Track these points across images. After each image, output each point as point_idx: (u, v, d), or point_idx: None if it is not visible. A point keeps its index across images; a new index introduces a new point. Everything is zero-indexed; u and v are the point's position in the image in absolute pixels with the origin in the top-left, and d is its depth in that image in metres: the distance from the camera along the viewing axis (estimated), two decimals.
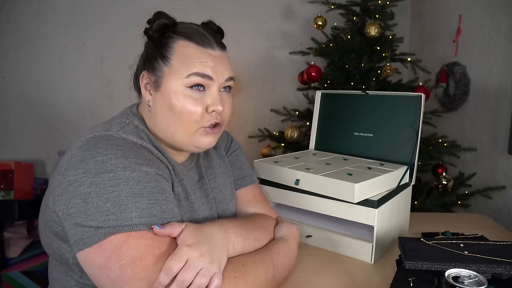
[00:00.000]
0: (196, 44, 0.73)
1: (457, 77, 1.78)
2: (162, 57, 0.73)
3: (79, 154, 0.65)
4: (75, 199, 0.62)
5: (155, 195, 0.65)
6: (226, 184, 0.90)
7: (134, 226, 0.60)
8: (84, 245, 0.60)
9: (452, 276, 0.62)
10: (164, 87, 0.73)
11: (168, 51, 0.73)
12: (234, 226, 0.73)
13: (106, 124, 0.73)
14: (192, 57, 0.72)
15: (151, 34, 0.75)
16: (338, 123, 1.24)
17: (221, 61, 0.75)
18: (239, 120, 2.44)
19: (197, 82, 0.72)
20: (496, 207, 1.56)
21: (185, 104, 0.72)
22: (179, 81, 0.72)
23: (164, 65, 0.73)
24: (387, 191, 0.97)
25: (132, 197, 0.62)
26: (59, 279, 0.74)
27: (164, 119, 0.74)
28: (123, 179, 0.62)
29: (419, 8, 2.30)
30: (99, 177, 0.62)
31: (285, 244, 0.81)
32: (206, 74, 0.72)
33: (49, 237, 0.71)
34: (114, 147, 0.65)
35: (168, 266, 0.58)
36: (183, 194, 0.76)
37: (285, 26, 2.38)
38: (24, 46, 2.18)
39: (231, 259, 0.69)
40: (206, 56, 0.73)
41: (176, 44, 0.73)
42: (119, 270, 0.59)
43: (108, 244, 0.60)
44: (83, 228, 0.61)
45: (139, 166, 0.65)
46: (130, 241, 0.60)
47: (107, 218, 0.60)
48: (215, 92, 0.74)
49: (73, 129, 2.28)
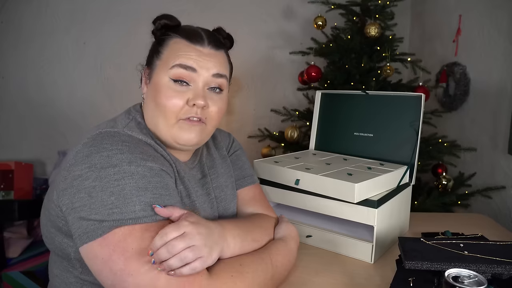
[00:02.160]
0: (188, 41, 0.75)
1: (457, 77, 1.78)
2: (157, 52, 0.77)
3: (85, 149, 0.66)
4: (79, 193, 0.63)
5: (159, 189, 0.65)
6: (228, 184, 0.91)
7: (138, 219, 0.61)
8: (88, 238, 0.61)
9: (452, 276, 0.62)
10: (153, 79, 0.76)
11: (162, 46, 0.76)
12: (232, 227, 0.73)
13: (111, 122, 0.75)
14: (179, 50, 0.74)
15: (154, 33, 0.79)
16: (338, 123, 1.24)
17: (210, 57, 0.75)
18: (239, 120, 2.45)
19: (180, 74, 0.73)
20: (496, 207, 1.56)
21: (166, 95, 0.73)
22: (165, 73, 0.74)
23: (157, 59, 0.76)
24: (387, 191, 0.97)
25: (136, 191, 0.63)
26: (59, 275, 0.74)
27: (150, 111, 0.76)
28: (128, 173, 0.63)
29: (419, 8, 2.30)
30: (104, 171, 0.63)
31: (285, 245, 0.81)
32: (189, 66, 0.73)
33: (51, 232, 0.72)
34: (119, 142, 0.66)
35: (164, 231, 0.58)
36: (185, 192, 0.77)
37: (285, 26, 2.38)
38: (24, 46, 2.18)
39: (229, 259, 0.69)
40: (193, 51, 0.75)
41: (171, 41, 0.76)
42: (123, 263, 0.59)
43: (112, 237, 0.60)
44: (87, 221, 0.61)
45: (144, 162, 0.66)
46: (134, 234, 0.60)
47: (111, 211, 0.61)
48: (199, 86, 0.75)
49: (73, 129, 2.28)
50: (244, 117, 2.45)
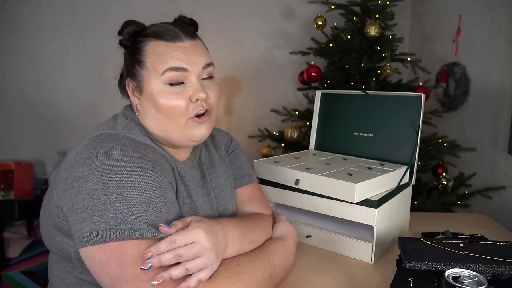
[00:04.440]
0: (166, 41, 0.74)
1: (457, 77, 1.78)
2: (138, 62, 0.75)
3: (86, 151, 0.66)
4: (81, 194, 0.63)
5: (159, 207, 0.66)
6: (227, 183, 0.91)
7: (139, 233, 0.61)
8: (87, 242, 0.61)
9: (452, 276, 0.62)
10: (146, 90, 0.74)
11: (141, 55, 0.74)
12: (234, 229, 0.73)
13: (111, 122, 0.75)
14: (163, 54, 0.73)
15: (125, 43, 0.77)
16: (338, 123, 1.24)
17: (193, 50, 0.75)
18: (239, 120, 2.44)
19: (173, 78, 0.72)
20: (496, 207, 1.56)
21: (167, 100, 0.72)
22: (157, 80, 0.73)
23: (141, 69, 0.74)
24: (387, 191, 0.97)
25: (140, 205, 0.63)
26: (59, 276, 0.74)
27: (155, 120, 0.75)
28: (130, 183, 0.64)
29: (419, 8, 2.29)
30: (106, 176, 0.63)
31: (283, 244, 0.81)
32: (179, 67, 0.72)
33: (51, 232, 0.72)
34: (119, 147, 0.66)
35: (173, 238, 0.59)
36: (186, 193, 0.77)
37: (285, 26, 2.38)
38: (24, 46, 2.18)
39: (226, 260, 0.69)
40: (177, 50, 0.73)
41: (148, 46, 0.74)
42: (119, 268, 0.59)
43: (112, 244, 0.60)
44: (89, 224, 0.61)
45: (144, 171, 0.66)
46: (134, 245, 0.61)
47: (115, 216, 0.61)
48: (194, 81, 0.74)
49: (72, 129, 2.28)
50: (244, 117, 2.44)
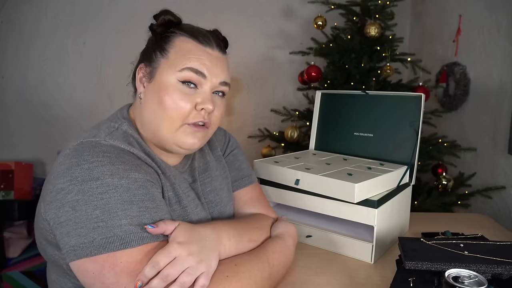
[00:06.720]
0: (196, 41, 0.74)
1: (457, 77, 1.78)
2: (161, 49, 0.74)
3: (66, 161, 0.64)
4: (64, 207, 0.61)
5: (145, 202, 0.63)
6: (223, 186, 0.89)
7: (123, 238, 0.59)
8: (75, 256, 0.59)
9: (452, 276, 0.62)
10: (157, 78, 0.73)
11: (168, 44, 0.74)
12: (227, 228, 0.72)
13: (94, 130, 0.73)
14: (190, 52, 0.72)
15: (155, 29, 0.76)
16: (338, 123, 1.24)
17: (218, 62, 0.75)
18: (239, 120, 2.44)
19: (189, 78, 0.72)
20: (496, 207, 1.56)
21: (174, 98, 0.71)
22: (173, 74, 0.72)
23: (162, 57, 0.73)
24: (387, 191, 0.97)
25: (122, 205, 0.61)
26: (57, 281, 0.73)
27: (152, 113, 0.73)
28: (112, 186, 0.61)
29: (419, 8, 2.30)
30: (86, 184, 0.61)
31: (282, 242, 0.80)
32: (200, 71, 0.72)
33: (42, 244, 0.71)
34: (100, 154, 0.64)
35: (155, 259, 0.58)
36: (175, 199, 0.75)
37: (285, 26, 2.38)
38: (24, 46, 2.18)
39: (224, 259, 0.68)
40: (204, 54, 0.73)
41: (177, 39, 0.74)
42: (114, 276, 0.58)
43: (99, 255, 0.59)
44: (74, 237, 0.60)
45: (127, 173, 0.63)
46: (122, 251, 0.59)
47: (96, 225, 0.59)
48: (207, 91, 0.73)
49: (72, 129, 2.28)
50: (244, 117, 2.44)
